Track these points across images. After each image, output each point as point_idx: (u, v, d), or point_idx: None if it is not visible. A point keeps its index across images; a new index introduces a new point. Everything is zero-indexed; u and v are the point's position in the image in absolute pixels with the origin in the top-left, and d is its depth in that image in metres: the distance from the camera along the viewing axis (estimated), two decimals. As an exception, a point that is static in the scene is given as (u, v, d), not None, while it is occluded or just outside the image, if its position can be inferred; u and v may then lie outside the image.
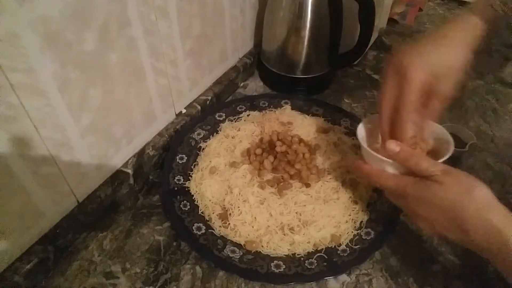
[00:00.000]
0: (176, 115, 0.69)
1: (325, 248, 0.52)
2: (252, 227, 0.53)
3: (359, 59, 0.84)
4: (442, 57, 0.46)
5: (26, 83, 0.40)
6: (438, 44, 0.47)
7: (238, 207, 0.55)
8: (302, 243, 0.52)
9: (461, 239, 0.42)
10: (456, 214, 0.40)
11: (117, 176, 0.57)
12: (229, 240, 0.53)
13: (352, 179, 0.59)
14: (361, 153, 0.53)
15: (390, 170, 0.48)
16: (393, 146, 0.46)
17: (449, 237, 0.43)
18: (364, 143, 0.51)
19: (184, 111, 0.70)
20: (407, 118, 0.47)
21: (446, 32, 0.48)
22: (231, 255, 0.51)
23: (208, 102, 0.73)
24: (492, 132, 0.73)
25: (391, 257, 0.53)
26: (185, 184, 0.59)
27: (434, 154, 0.51)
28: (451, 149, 0.49)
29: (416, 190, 0.44)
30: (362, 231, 0.53)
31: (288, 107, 0.73)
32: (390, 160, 0.47)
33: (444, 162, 0.46)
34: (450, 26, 0.49)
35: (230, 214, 0.55)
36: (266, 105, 0.74)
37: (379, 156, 0.48)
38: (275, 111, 0.73)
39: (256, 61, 0.87)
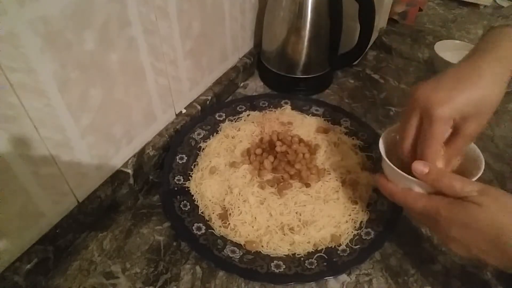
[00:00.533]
0: (176, 115, 0.69)
1: (325, 248, 0.52)
2: (252, 227, 0.53)
3: (359, 59, 0.84)
4: (473, 96, 0.41)
5: (26, 83, 0.40)
6: (469, 81, 0.41)
7: (238, 207, 0.55)
8: (302, 243, 0.52)
9: (502, 263, 0.39)
10: (498, 237, 0.37)
11: (117, 176, 0.57)
12: (229, 240, 0.53)
13: (352, 179, 0.59)
14: (382, 167, 0.48)
15: (417, 189, 0.44)
16: (421, 167, 0.42)
17: (488, 261, 0.39)
18: (386, 158, 0.46)
19: (184, 111, 0.70)
20: (433, 156, 0.43)
21: (480, 64, 0.42)
22: (231, 255, 0.51)
23: (208, 102, 0.73)
24: (492, 132, 0.73)
25: (391, 257, 0.53)
26: (185, 184, 0.59)
27: (462, 171, 0.46)
28: (481, 166, 0.44)
29: (450, 212, 0.39)
30: (362, 231, 0.53)
31: (288, 107, 0.73)
32: (418, 180, 0.42)
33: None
34: (486, 53, 0.43)
35: (230, 214, 0.55)
36: (266, 105, 0.74)
37: (405, 175, 0.43)
38: (275, 111, 0.73)
39: (256, 61, 0.87)
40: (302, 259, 0.51)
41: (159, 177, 0.62)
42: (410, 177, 0.43)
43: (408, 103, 0.43)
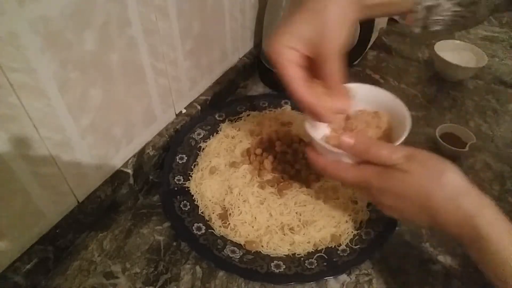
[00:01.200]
0: (176, 115, 0.69)
1: (325, 248, 0.52)
2: (252, 227, 0.53)
3: (359, 59, 0.84)
4: (309, 20, 0.39)
5: (26, 83, 0.40)
6: (306, 8, 0.39)
7: (238, 207, 0.55)
8: (302, 243, 0.52)
9: (432, 225, 0.40)
10: (425, 202, 0.38)
11: (117, 176, 0.57)
12: (229, 240, 0.53)
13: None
14: (313, 144, 0.47)
15: (347, 160, 0.43)
16: (346, 139, 0.41)
17: (420, 224, 0.41)
18: (314, 133, 0.45)
19: (184, 111, 0.70)
20: (303, 96, 0.40)
21: None
22: (231, 255, 0.51)
23: (208, 102, 0.73)
24: (492, 132, 0.73)
25: (391, 257, 0.53)
26: (185, 184, 0.59)
27: (389, 131, 0.47)
28: (407, 126, 0.43)
29: (379, 181, 0.40)
30: (362, 231, 0.53)
31: (288, 107, 0.73)
32: (346, 153, 0.42)
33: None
34: None
35: (230, 214, 0.55)
36: (266, 105, 0.74)
37: (332, 148, 0.43)
38: (275, 111, 0.73)
39: (256, 61, 0.87)
40: (302, 259, 0.51)
41: (159, 177, 0.62)
42: (337, 150, 0.42)
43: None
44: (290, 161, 0.60)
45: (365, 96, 0.49)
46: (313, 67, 0.41)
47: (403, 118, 0.45)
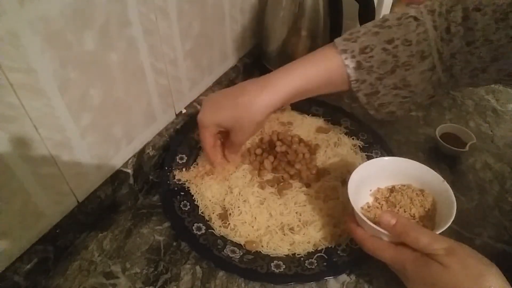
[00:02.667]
0: (176, 115, 0.69)
1: (325, 248, 0.52)
2: (252, 227, 0.53)
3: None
4: (231, 114, 0.51)
5: (26, 83, 0.40)
6: (232, 99, 0.52)
7: (238, 207, 0.55)
8: (302, 243, 0.52)
9: None
10: None
11: (117, 176, 0.57)
12: (229, 240, 0.53)
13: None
14: (352, 212, 0.47)
15: (386, 238, 0.43)
16: (388, 217, 0.42)
17: None
18: (356, 206, 0.46)
19: (184, 111, 0.70)
20: (208, 152, 0.57)
21: (254, 82, 0.52)
22: (231, 255, 0.51)
23: (208, 102, 0.73)
24: (492, 132, 0.73)
25: (391, 257, 0.52)
26: (185, 184, 0.59)
27: (432, 213, 0.47)
28: (453, 212, 0.44)
29: (415, 268, 0.40)
30: (362, 231, 0.53)
31: (288, 107, 0.73)
32: (385, 232, 0.42)
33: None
34: (271, 75, 0.53)
35: (230, 214, 0.55)
36: (266, 105, 0.74)
37: (374, 225, 0.43)
38: (275, 111, 0.72)
39: (256, 61, 0.87)
40: (302, 259, 0.51)
41: (159, 177, 0.62)
42: (378, 228, 0.42)
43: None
44: (290, 161, 0.60)
45: (412, 172, 0.50)
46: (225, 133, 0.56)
47: (449, 203, 0.45)
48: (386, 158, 0.52)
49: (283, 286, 0.49)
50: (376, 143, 0.66)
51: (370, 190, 0.51)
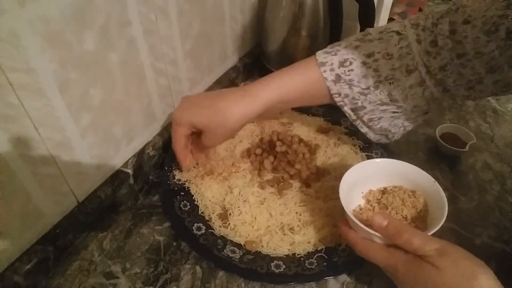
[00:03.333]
0: (176, 115, 0.69)
1: (325, 248, 0.52)
2: (252, 227, 0.53)
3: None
4: (206, 114, 0.52)
5: (26, 83, 0.40)
6: (209, 102, 0.53)
7: (238, 207, 0.55)
8: (302, 243, 0.52)
9: None
10: None
11: (117, 176, 0.57)
12: (229, 240, 0.53)
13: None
14: (344, 216, 0.47)
15: (379, 240, 0.43)
16: (380, 219, 0.42)
17: None
18: (347, 208, 0.45)
19: (184, 111, 0.70)
20: (179, 151, 0.57)
21: (235, 90, 0.54)
22: (231, 255, 0.51)
23: (208, 102, 0.73)
24: (492, 132, 0.73)
25: (391, 257, 0.52)
26: (185, 184, 0.59)
27: (424, 213, 0.47)
28: (444, 213, 0.44)
29: (407, 269, 0.39)
30: (362, 231, 0.53)
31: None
32: (377, 234, 0.42)
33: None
34: (253, 84, 0.53)
35: (230, 214, 0.55)
36: (266, 105, 0.74)
37: (364, 227, 0.43)
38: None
39: (256, 61, 0.87)
40: (302, 259, 0.51)
41: (159, 177, 0.62)
42: (370, 230, 0.42)
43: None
44: (290, 161, 0.60)
45: (404, 173, 0.50)
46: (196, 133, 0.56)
47: (441, 204, 0.45)
48: (378, 160, 0.52)
49: (283, 286, 0.49)
50: (376, 143, 0.66)
51: (362, 192, 0.51)
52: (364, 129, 0.54)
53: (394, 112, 0.51)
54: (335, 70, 0.49)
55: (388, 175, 0.50)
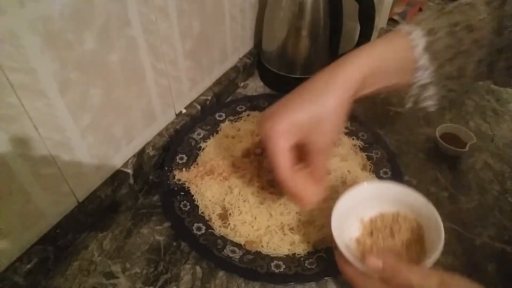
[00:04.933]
0: (176, 115, 0.69)
1: (325, 248, 0.52)
2: (252, 227, 0.53)
3: (359, 59, 0.84)
4: (306, 110, 0.41)
5: (26, 83, 0.40)
6: (306, 96, 0.42)
7: (238, 207, 0.55)
8: (302, 243, 0.52)
9: None
10: None
11: (117, 176, 0.57)
12: (229, 240, 0.53)
13: (352, 179, 0.59)
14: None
15: (377, 274, 0.41)
16: (374, 262, 0.39)
17: None
18: (342, 243, 0.43)
19: (184, 111, 0.70)
20: (287, 181, 0.42)
21: (322, 83, 0.43)
22: (231, 255, 0.51)
23: (208, 102, 0.73)
24: (492, 132, 0.73)
25: (391, 257, 0.52)
26: (185, 184, 0.59)
27: (419, 237, 0.46)
28: (441, 234, 0.42)
29: None
30: (362, 231, 0.53)
31: (288, 107, 0.73)
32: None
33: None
34: (340, 68, 0.44)
35: (230, 214, 0.55)
36: (266, 105, 0.74)
37: (361, 266, 0.41)
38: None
39: (256, 61, 0.87)
40: (302, 259, 0.51)
41: (159, 177, 0.62)
42: (366, 267, 0.40)
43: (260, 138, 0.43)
44: (290, 161, 0.60)
45: (396, 196, 0.48)
46: (302, 149, 0.43)
47: (436, 225, 0.44)
48: (366, 184, 0.50)
49: (283, 286, 0.49)
50: (376, 143, 0.66)
51: (356, 219, 0.49)
52: (408, 105, 0.50)
53: (449, 90, 0.48)
54: (425, 37, 0.45)
55: (380, 199, 0.49)
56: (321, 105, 0.41)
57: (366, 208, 0.49)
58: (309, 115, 0.41)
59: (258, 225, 0.53)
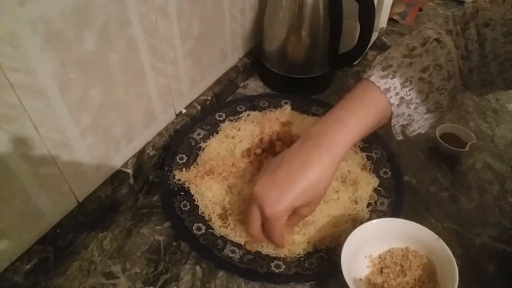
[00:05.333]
0: (176, 115, 0.69)
1: (325, 248, 0.52)
2: (252, 227, 0.53)
3: (359, 59, 0.84)
4: (302, 188, 0.44)
5: (26, 83, 0.40)
6: (299, 174, 0.45)
7: (238, 207, 0.55)
8: (302, 243, 0.52)
9: None
10: None
11: (117, 176, 0.57)
12: (229, 240, 0.53)
13: (352, 179, 0.59)
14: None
15: None
16: None
17: None
18: (352, 281, 0.43)
19: (184, 111, 0.70)
20: (279, 241, 0.48)
21: (311, 153, 0.46)
22: (231, 255, 0.51)
23: (208, 102, 0.73)
24: (492, 132, 0.73)
25: (391, 257, 0.52)
26: (185, 184, 0.59)
27: (431, 273, 0.46)
28: (455, 269, 0.42)
29: None
30: (362, 231, 0.53)
31: (288, 107, 0.73)
32: None
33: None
34: (321, 139, 0.47)
35: (230, 214, 0.55)
36: (266, 105, 0.74)
37: None
38: (275, 111, 0.73)
39: (256, 61, 0.87)
40: (302, 259, 0.51)
41: (159, 177, 0.62)
42: None
43: (249, 198, 0.47)
44: (290, 161, 0.60)
45: (407, 232, 0.48)
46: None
47: (448, 260, 0.44)
48: (375, 221, 0.50)
49: (283, 286, 0.49)
50: (376, 143, 0.66)
51: (365, 257, 0.49)
52: (399, 138, 0.53)
53: (433, 119, 0.52)
54: (399, 94, 0.48)
55: (388, 235, 0.49)
56: (317, 191, 0.46)
57: (374, 245, 0.49)
58: (305, 199, 0.45)
59: (258, 225, 0.53)
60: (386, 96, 0.48)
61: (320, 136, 0.47)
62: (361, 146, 0.66)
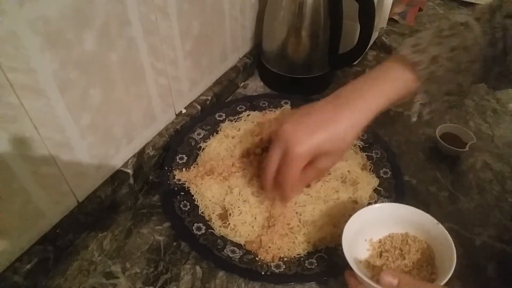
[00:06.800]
0: (176, 115, 0.69)
1: (325, 248, 0.52)
2: (252, 227, 0.53)
3: (359, 59, 0.84)
4: (329, 136, 0.45)
5: (26, 83, 0.40)
6: (329, 122, 0.46)
7: (238, 207, 0.55)
8: (302, 243, 0.52)
9: None
10: None
11: (117, 176, 0.57)
12: (229, 240, 0.53)
13: (352, 179, 0.59)
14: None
15: None
16: (389, 278, 0.39)
17: None
18: (353, 261, 0.43)
19: (184, 111, 0.70)
20: (289, 189, 0.48)
21: (344, 107, 0.47)
22: (231, 255, 0.51)
23: (208, 102, 0.73)
24: (492, 132, 0.73)
25: (391, 257, 0.52)
26: (185, 184, 0.59)
27: (430, 257, 0.46)
28: (453, 254, 0.42)
29: None
30: (362, 231, 0.53)
31: (288, 107, 0.73)
32: None
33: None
34: (356, 97, 0.48)
35: (230, 214, 0.55)
36: (266, 105, 0.74)
37: (375, 285, 0.40)
38: (275, 111, 0.73)
39: (256, 61, 0.87)
40: (302, 259, 0.51)
41: (159, 177, 0.62)
42: (378, 287, 0.40)
43: (274, 138, 0.48)
44: (290, 161, 0.60)
45: (407, 217, 0.48)
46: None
47: (447, 244, 0.44)
48: (376, 205, 0.50)
49: (283, 286, 0.49)
50: (376, 143, 0.66)
51: (366, 240, 0.49)
52: (413, 119, 0.53)
53: (451, 103, 0.52)
54: (427, 69, 0.48)
55: (389, 220, 0.49)
56: (342, 142, 0.46)
57: (375, 229, 0.49)
58: (331, 139, 0.46)
59: (258, 225, 0.53)
60: (415, 69, 0.48)
61: (351, 97, 0.48)
62: (361, 146, 0.66)
